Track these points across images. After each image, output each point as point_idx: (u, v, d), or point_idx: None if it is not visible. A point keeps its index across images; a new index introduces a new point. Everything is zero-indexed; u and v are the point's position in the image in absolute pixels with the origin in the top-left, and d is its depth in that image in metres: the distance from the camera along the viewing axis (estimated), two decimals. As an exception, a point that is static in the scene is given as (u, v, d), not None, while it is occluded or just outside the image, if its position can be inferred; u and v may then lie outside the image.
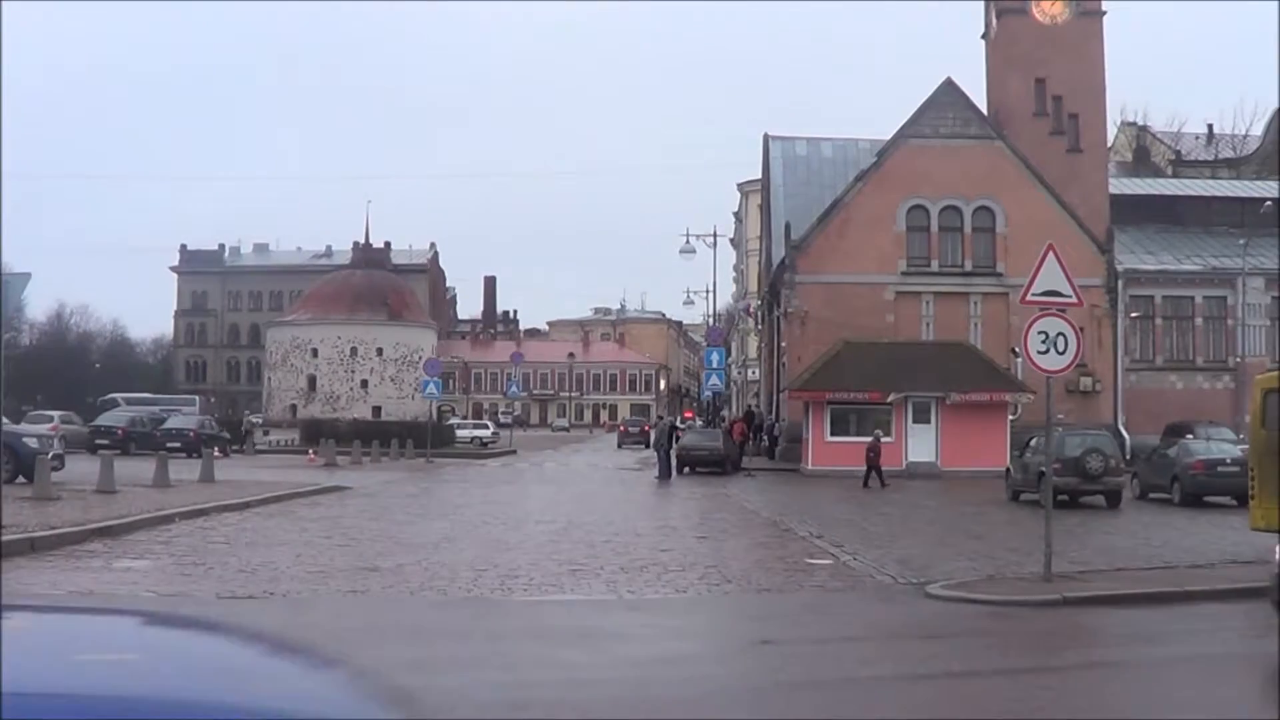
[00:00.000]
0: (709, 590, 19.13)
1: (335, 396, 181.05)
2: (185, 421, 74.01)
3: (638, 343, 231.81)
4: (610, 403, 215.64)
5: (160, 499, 32.45)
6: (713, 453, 57.57)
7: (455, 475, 55.14)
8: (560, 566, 21.44)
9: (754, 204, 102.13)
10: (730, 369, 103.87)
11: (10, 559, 20.68)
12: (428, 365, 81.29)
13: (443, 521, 30.81)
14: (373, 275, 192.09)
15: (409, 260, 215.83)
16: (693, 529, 30.10)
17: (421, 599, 17.78)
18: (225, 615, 16.16)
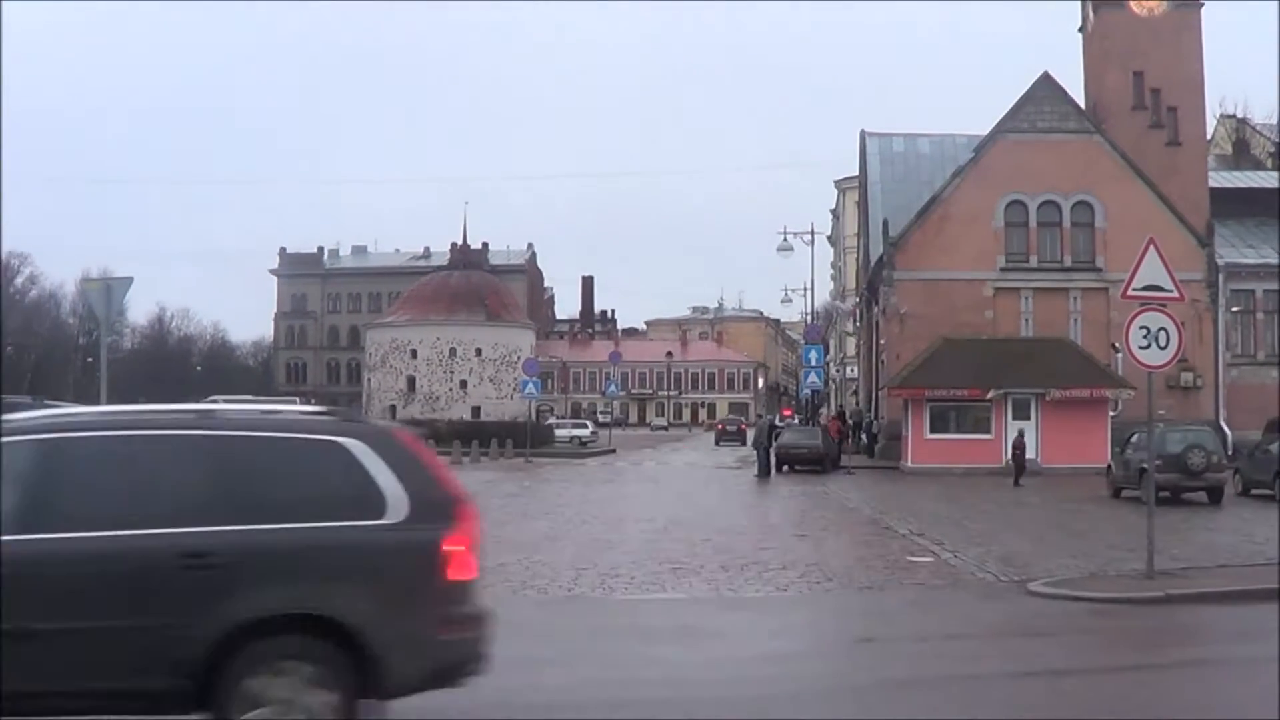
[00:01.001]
0: (810, 588, 19.11)
1: (434, 397, 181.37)
2: (287, 423, 74.31)
3: (735, 341, 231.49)
4: (708, 401, 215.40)
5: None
6: (811, 451, 57.46)
7: (555, 475, 55.28)
8: (661, 565, 21.48)
9: (851, 201, 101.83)
10: (828, 367, 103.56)
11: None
12: (526, 365, 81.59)
13: (543, 520, 30.91)
14: (471, 276, 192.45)
15: (507, 261, 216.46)
16: (793, 527, 30.07)
17: (523, 598, 17.83)
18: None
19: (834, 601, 18.41)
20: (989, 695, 11.84)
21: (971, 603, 18.31)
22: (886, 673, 13.08)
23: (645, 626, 15.84)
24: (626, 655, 13.74)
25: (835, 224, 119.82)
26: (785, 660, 13.92)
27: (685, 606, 17.47)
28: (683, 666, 13.02)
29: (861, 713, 11.29)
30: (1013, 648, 14.78)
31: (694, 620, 16.41)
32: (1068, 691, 12.17)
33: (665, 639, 14.82)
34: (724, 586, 19.08)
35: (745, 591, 18.67)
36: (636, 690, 11.77)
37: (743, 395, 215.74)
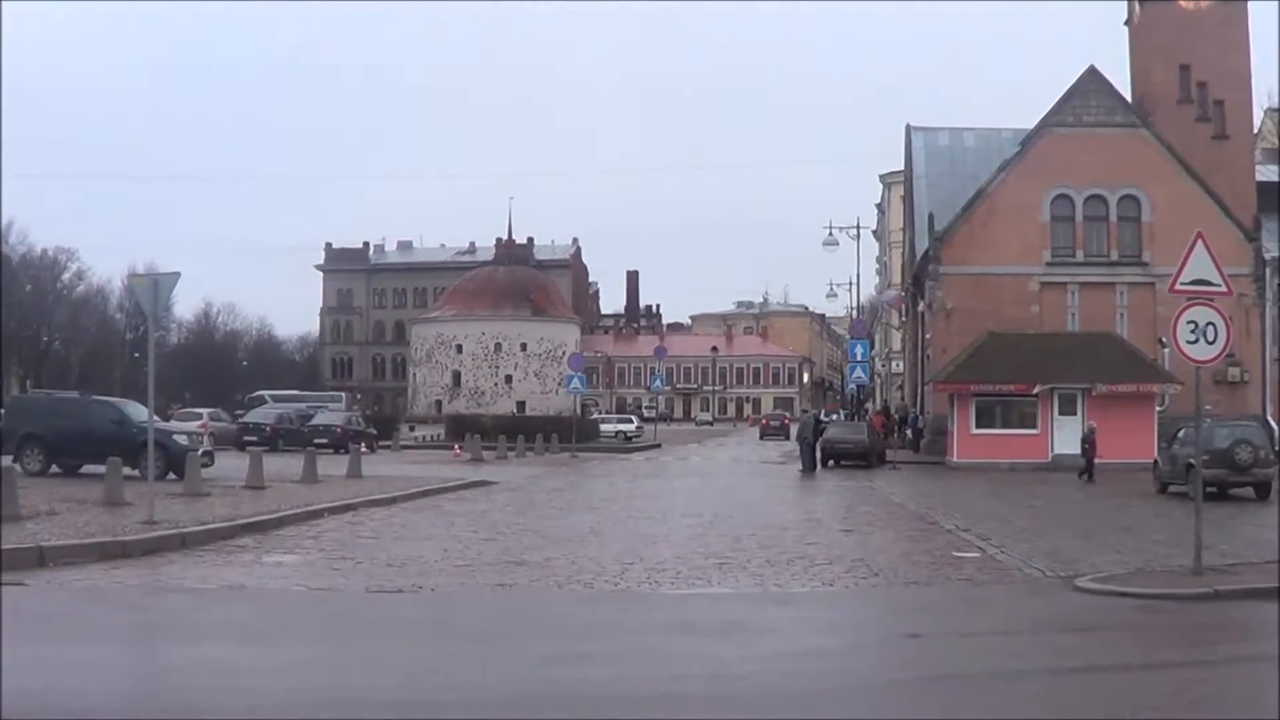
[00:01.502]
0: (856, 584, 19.12)
1: (480, 392, 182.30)
2: (332, 418, 74.84)
3: (780, 336, 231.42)
4: (753, 396, 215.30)
5: (309, 494, 32.83)
6: (857, 446, 57.51)
7: (600, 469, 55.42)
8: (707, 560, 21.50)
9: (896, 195, 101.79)
10: (874, 361, 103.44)
11: (163, 554, 21.26)
12: (572, 360, 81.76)
13: (588, 515, 30.98)
14: (516, 271, 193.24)
15: (552, 256, 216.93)
16: (838, 522, 30.07)
17: (568, 592, 17.89)
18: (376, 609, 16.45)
19: (880, 597, 18.41)
20: (1035, 691, 11.85)
21: (1018, 598, 18.30)
22: (932, 668, 13.08)
23: (691, 622, 15.87)
24: (672, 650, 13.74)
25: (881, 218, 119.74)
26: (831, 655, 13.95)
27: (731, 602, 17.50)
28: (728, 662, 13.02)
29: (907, 708, 11.30)
30: (1059, 644, 14.76)
31: (740, 615, 16.43)
32: (1114, 688, 12.16)
33: (711, 634, 14.84)
34: (770, 581, 19.10)
35: (791, 587, 18.69)
36: (682, 685, 11.79)
37: (788, 390, 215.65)
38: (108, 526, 23.29)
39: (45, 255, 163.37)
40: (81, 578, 18.31)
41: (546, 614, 16.51)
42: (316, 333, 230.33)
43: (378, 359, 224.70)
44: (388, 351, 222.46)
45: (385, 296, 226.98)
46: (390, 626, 15.33)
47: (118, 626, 15.41)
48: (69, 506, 26.68)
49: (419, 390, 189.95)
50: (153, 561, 20.38)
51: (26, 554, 19.42)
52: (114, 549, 20.79)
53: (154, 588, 18.04)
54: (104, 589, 17.57)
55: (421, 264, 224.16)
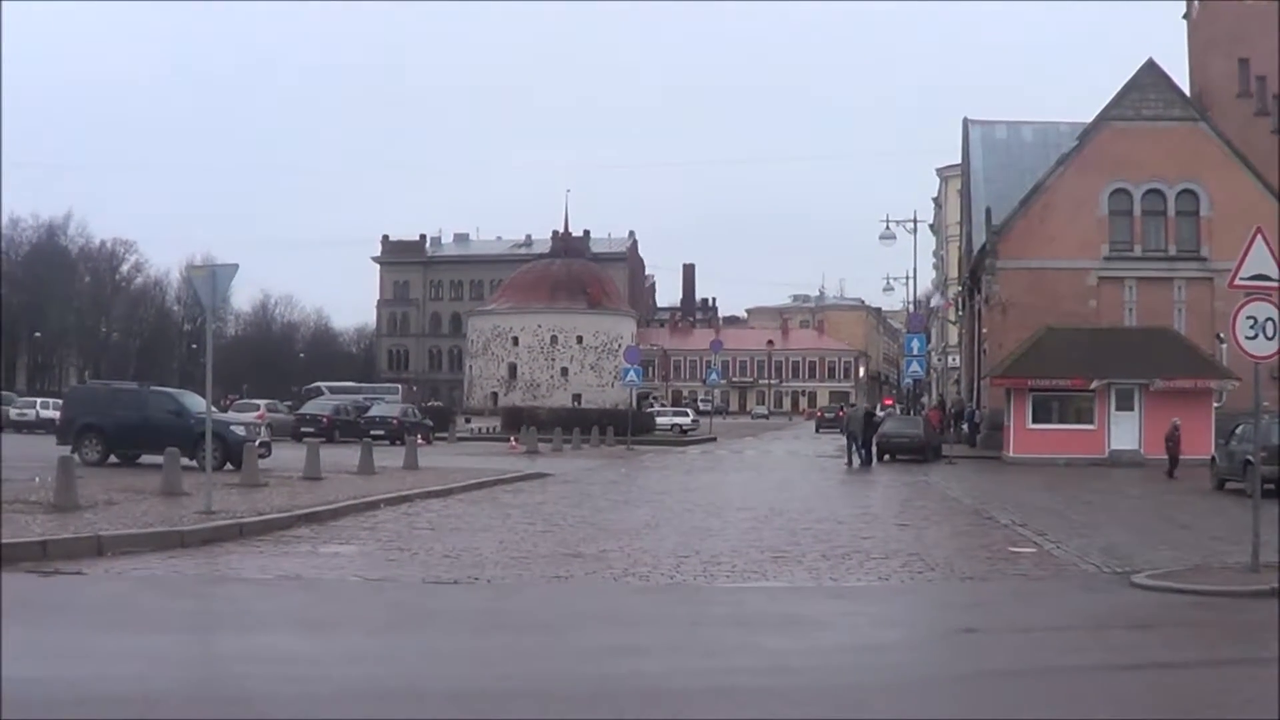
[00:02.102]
0: (911, 578, 19.07)
1: (536, 384, 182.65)
2: (389, 409, 75.13)
3: (837, 330, 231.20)
4: (809, 390, 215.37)
5: (365, 485, 32.99)
6: (913, 440, 57.42)
7: (656, 462, 55.45)
8: (762, 553, 21.50)
9: (953, 189, 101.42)
10: (930, 356, 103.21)
11: (220, 543, 21.39)
12: (628, 353, 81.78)
13: (644, 508, 31.03)
14: (572, 264, 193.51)
15: (608, 249, 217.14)
16: (894, 516, 30.01)
17: (624, 585, 17.90)
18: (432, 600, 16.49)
19: (935, 591, 18.37)
20: (1091, 688, 11.80)
21: (1074, 594, 18.23)
22: (988, 663, 13.05)
23: (747, 615, 15.86)
24: (728, 643, 13.75)
25: (937, 212, 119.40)
26: (887, 650, 13.93)
27: (787, 595, 17.50)
28: (784, 655, 13.03)
29: (964, 703, 11.28)
30: (1116, 640, 14.71)
31: (795, 609, 16.43)
32: (1170, 685, 12.12)
33: (767, 627, 14.85)
34: (825, 575, 19.08)
35: (847, 581, 18.67)
36: (738, 679, 11.79)
37: (844, 384, 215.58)
38: (165, 516, 23.43)
39: (104, 247, 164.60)
40: (139, 567, 18.42)
41: (602, 606, 16.53)
42: (373, 325, 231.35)
43: (434, 351, 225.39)
44: (444, 343, 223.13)
45: (442, 289, 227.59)
46: (446, 618, 15.39)
47: (175, 615, 15.48)
48: (127, 496, 26.83)
49: (475, 382, 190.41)
50: (210, 551, 20.51)
51: (85, 543, 19.55)
52: (172, 539, 20.92)
53: (211, 577, 18.16)
54: (162, 578, 17.68)
55: (478, 256, 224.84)
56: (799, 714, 10.52)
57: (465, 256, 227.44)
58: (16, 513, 22.87)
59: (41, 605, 15.66)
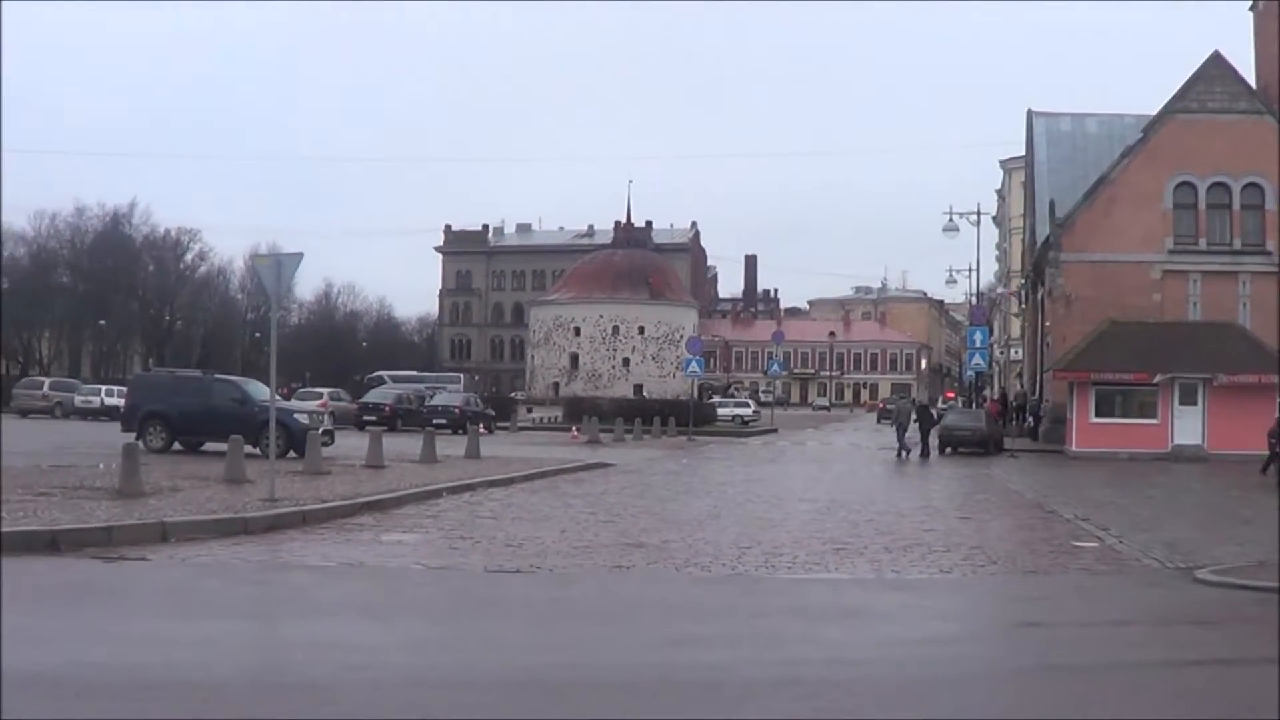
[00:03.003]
0: (973, 571, 19.02)
1: (597, 374, 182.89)
2: (451, 398, 75.33)
3: (898, 321, 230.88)
4: (871, 382, 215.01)
5: (427, 474, 33.09)
6: (975, 433, 57.36)
7: (717, 453, 55.54)
8: (824, 545, 21.47)
9: (1017, 181, 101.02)
10: (993, 348, 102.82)
11: (283, 531, 21.50)
12: (690, 344, 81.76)
13: (706, 499, 31.03)
14: (634, 255, 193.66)
15: (670, 239, 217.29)
16: (956, 509, 29.95)
17: (686, 575, 17.90)
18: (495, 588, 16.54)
19: (997, 585, 18.30)
20: (1155, 684, 11.74)
21: (1137, 589, 18.14)
22: (1050, 658, 12.99)
23: (808, 606, 15.86)
24: (789, 635, 13.73)
25: (1001, 205, 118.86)
26: (949, 643, 13.89)
27: (848, 587, 17.47)
28: (846, 647, 13.01)
29: (1027, 697, 11.24)
30: (1179, 636, 14.63)
31: (857, 601, 16.41)
32: (1234, 682, 12.03)
33: (828, 619, 14.84)
34: (887, 568, 19.04)
35: (908, 573, 18.62)
36: (799, 670, 11.77)
37: (905, 376, 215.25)
38: (229, 503, 23.59)
39: (168, 236, 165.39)
40: (203, 553, 18.53)
41: (664, 596, 16.53)
42: (435, 314, 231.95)
43: (496, 340, 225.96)
44: (506, 333, 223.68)
45: (504, 279, 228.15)
46: (509, 606, 15.40)
47: (239, 602, 15.56)
48: (191, 483, 27.02)
49: (537, 372, 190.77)
50: (273, 538, 20.62)
51: (149, 529, 19.68)
52: (235, 525, 21.04)
53: (274, 564, 18.26)
54: (225, 564, 17.77)
55: (540, 247, 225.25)
56: (860, 705, 10.50)
57: (527, 246, 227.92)
58: (82, 498, 23.13)
59: (106, 590, 15.80)
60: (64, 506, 21.73)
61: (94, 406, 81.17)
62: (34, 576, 16.23)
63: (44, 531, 18.62)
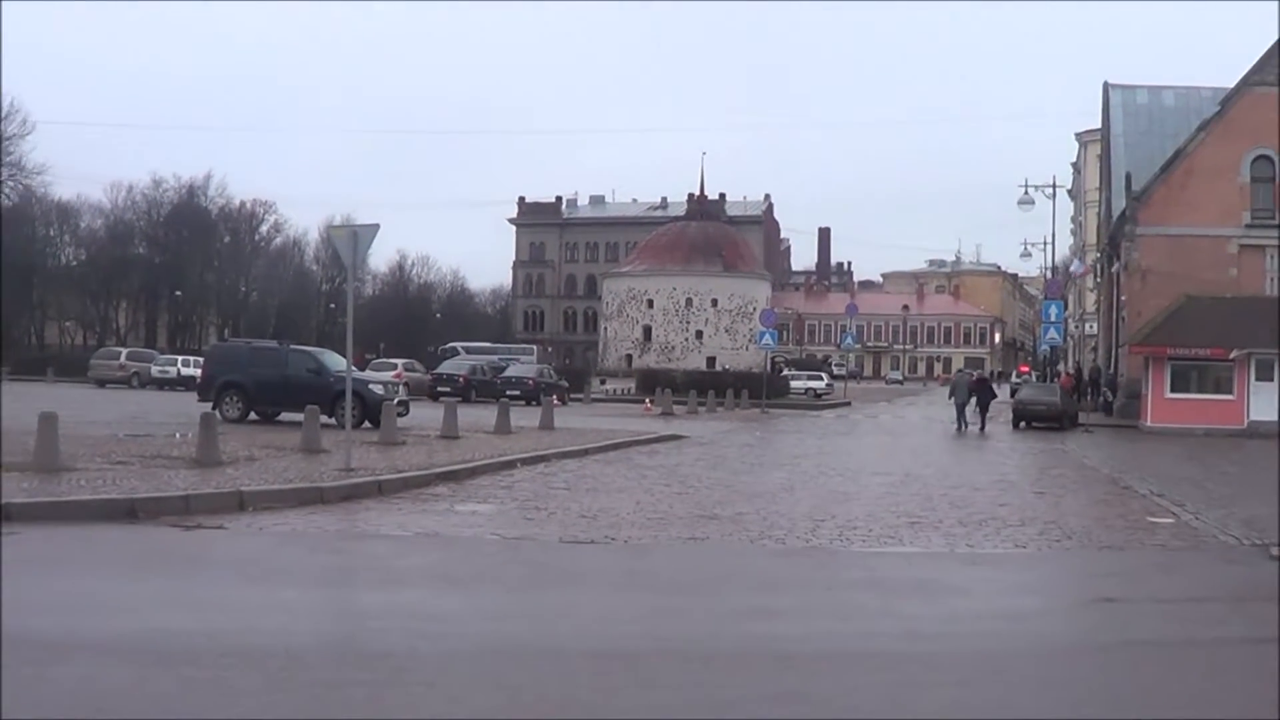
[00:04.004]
0: (1049, 546, 18.92)
1: (670, 346, 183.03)
2: (524, 370, 75.68)
3: (972, 295, 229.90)
4: (944, 355, 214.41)
5: (502, 445, 33.25)
6: (1050, 408, 57.06)
7: (790, 426, 55.51)
8: (898, 519, 21.42)
9: (1093, 154, 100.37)
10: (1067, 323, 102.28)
11: (359, 500, 21.69)
12: (763, 316, 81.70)
13: (779, 471, 31.00)
14: (707, 227, 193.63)
15: (743, 212, 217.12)
16: (1031, 484, 29.80)
17: (760, 548, 17.90)
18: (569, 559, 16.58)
19: (1073, 560, 18.22)
20: (1231, 660, 11.68)
21: (1213, 565, 18.01)
22: (1126, 633, 12.92)
23: (882, 579, 15.82)
24: (864, 608, 13.73)
25: (1076, 178, 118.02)
26: (1024, 617, 13.85)
27: (923, 561, 17.43)
28: (921, 620, 12.99)
29: (1103, 673, 11.20)
30: (1256, 613, 14.48)
31: (932, 575, 16.37)
32: (1313, 658, 11.98)
33: (903, 593, 14.80)
34: (961, 542, 18.98)
35: (983, 547, 18.56)
36: (874, 643, 11.78)
37: (979, 350, 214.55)
38: (305, 473, 23.79)
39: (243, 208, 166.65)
40: (280, 522, 18.66)
41: (738, 568, 16.53)
42: (509, 286, 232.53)
43: (569, 312, 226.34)
44: (579, 305, 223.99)
45: (577, 250, 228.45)
46: (584, 577, 15.44)
47: (316, 570, 15.70)
48: (268, 453, 27.25)
49: (610, 344, 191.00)
50: (349, 508, 20.77)
51: (227, 498, 19.87)
52: (312, 495, 21.21)
53: (351, 533, 18.38)
54: (302, 533, 17.90)
55: (613, 219, 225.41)
56: (936, 679, 10.50)
57: (600, 219, 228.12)
58: (160, 467, 23.36)
59: (184, 558, 15.94)
60: (142, 475, 21.94)
61: (170, 377, 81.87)
62: (113, 545, 16.42)
63: (123, 500, 18.80)
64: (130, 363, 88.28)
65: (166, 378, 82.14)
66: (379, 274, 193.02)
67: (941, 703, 9.78)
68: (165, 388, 79.03)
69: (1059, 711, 9.69)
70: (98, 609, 12.32)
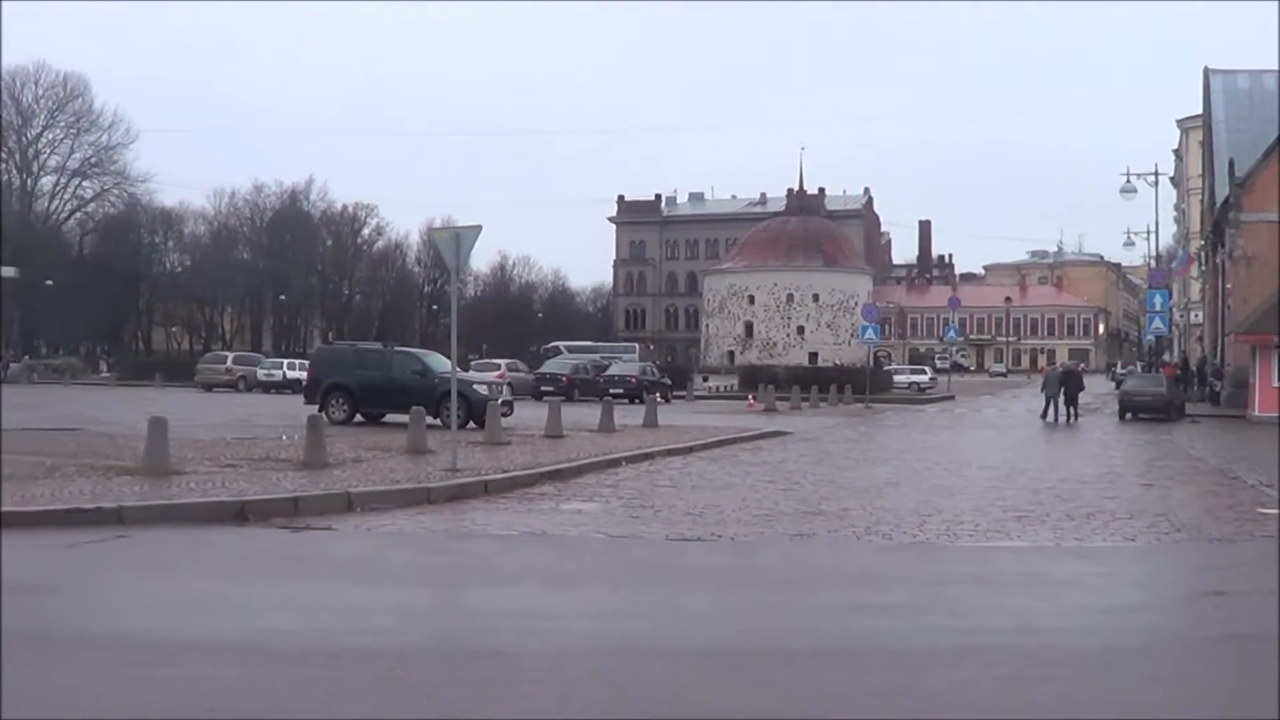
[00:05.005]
0: (1158, 539, 18.76)
1: (772, 343, 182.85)
2: (627, 368, 75.78)
3: (1075, 286, 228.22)
4: (1047, 347, 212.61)
5: (606, 443, 33.33)
6: (1155, 398, 56.60)
7: (894, 420, 55.37)
8: (1005, 513, 21.31)
9: (1195, 141, 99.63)
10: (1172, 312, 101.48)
11: (465, 500, 21.81)
12: (866, 310, 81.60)
13: (884, 466, 30.95)
14: (808, 222, 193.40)
15: (843, 206, 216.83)
16: (1138, 476, 29.58)
17: (866, 543, 17.85)
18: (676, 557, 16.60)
19: (1182, 553, 18.03)
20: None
21: (1326, 557, 17.85)
22: (1238, 626, 12.79)
23: (990, 574, 15.75)
24: (972, 603, 13.68)
25: (1178, 165, 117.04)
26: (1134, 611, 13.75)
27: (1031, 555, 17.33)
28: (1031, 615, 12.92)
29: (1215, 666, 11.12)
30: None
31: (1040, 569, 16.28)
32: None
33: (1012, 587, 14.73)
34: (1069, 535, 18.85)
35: (1091, 541, 18.43)
36: (984, 638, 11.73)
37: (1083, 341, 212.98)
38: (412, 473, 23.96)
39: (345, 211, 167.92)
40: (388, 522, 18.80)
41: (845, 564, 16.51)
42: (609, 284, 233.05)
43: (670, 310, 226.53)
44: (680, 302, 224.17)
45: (677, 248, 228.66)
46: (690, 574, 15.44)
47: (424, 570, 15.79)
48: (374, 454, 27.46)
49: (711, 341, 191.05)
50: (456, 508, 20.89)
51: (335, 499, 20.05)
52: (418, 495, 21.35)
53: (458, 533, 18.47)
54: (410, 534, 18.03)
55: (713, 215, 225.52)
56: (1046, 674, 10.45)
57: (700, 216, 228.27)
58: (268, 470, 23.61)
59: (293, 559, 16.10)
60: (250, 478, 22.21)
61: (276, 380, 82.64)
62: (223, 547, 16.57)
63: (232, 502, 19.03)
64: (236, 366, 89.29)
65: (272, 381, 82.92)
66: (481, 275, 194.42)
67: (1052, 698, 9.73)
68: (271, 391, 79.72)
69: (1170, 706, 9.62)
70: (208, 610, 12.47)
